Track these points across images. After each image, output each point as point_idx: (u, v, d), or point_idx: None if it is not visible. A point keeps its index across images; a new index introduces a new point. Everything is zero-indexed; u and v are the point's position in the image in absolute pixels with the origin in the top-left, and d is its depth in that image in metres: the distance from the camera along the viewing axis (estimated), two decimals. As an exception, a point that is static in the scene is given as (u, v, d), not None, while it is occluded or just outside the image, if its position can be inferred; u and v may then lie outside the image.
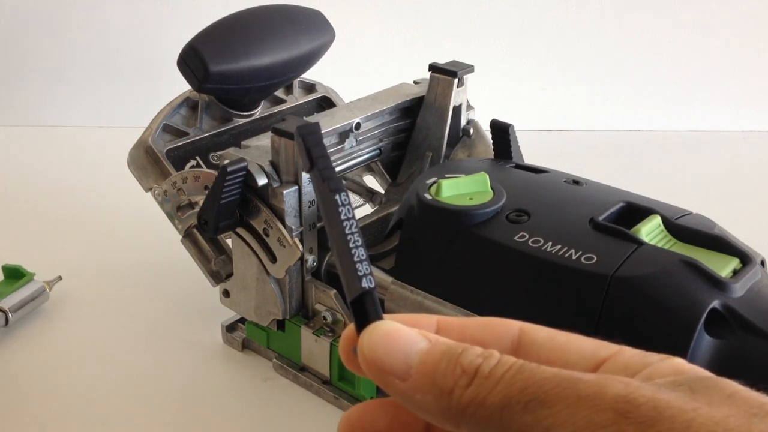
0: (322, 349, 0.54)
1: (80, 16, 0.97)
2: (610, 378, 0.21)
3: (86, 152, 0.94)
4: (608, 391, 0.21)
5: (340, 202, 0.25)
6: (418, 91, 0.62)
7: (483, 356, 0.23)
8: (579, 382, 0.21)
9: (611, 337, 0.25)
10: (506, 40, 1.01)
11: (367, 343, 0.24)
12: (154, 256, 0.71)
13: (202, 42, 0.58)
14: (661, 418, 0.20)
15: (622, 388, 0.21)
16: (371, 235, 0.58)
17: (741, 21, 1.00)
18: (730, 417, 0.20)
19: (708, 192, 0.87)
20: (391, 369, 0.24)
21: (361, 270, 0.25)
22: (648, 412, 0.20)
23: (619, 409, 0.20)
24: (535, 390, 0.21)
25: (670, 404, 0.20)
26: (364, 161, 0.60)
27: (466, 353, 0.23)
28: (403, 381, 0.23)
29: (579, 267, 0.44)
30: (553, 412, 0.21)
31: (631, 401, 0.20)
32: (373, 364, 0.24)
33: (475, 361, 0.23)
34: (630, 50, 1.01)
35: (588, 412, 0.20)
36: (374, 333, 0.24)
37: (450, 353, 0.23)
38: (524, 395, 0.21)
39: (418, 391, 0.23)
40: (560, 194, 0.51)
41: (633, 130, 1.04)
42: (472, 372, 0.22)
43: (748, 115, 1.04)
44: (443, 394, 0.23)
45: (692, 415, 0.20)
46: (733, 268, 0.44)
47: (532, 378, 0.22)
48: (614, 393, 0.20)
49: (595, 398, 0.20)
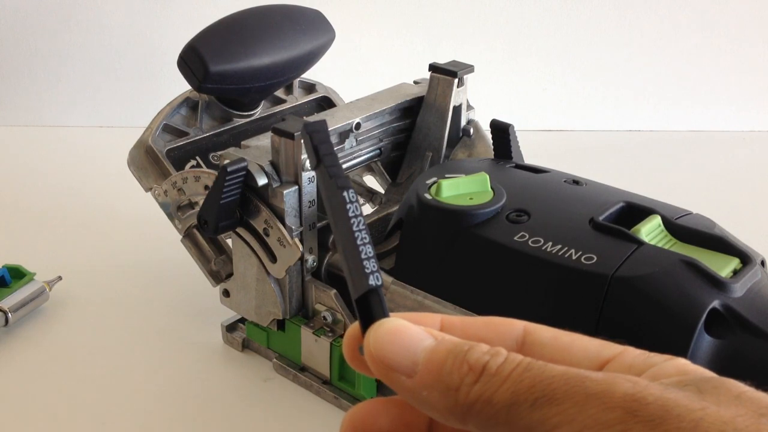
0: (322, 349, 0.54)
1: (80, 16, 0.97)
2: (618, 376, 0.21)
3: (86, 152, 0.94)
4: (616, 390, 0.21)
5: (348, 199, 0.25)
6: (418, 91, 0.62)
7: (490, 353, 0.23)
8: (587, 380, 0.21)
9: (611, 338, 0.25)
10: (506, 40, 1.01)
11: (373, 341, 0.24)
12: (154, 256, 0.71)
13: (202, 42, 0.58)
14: (669, 416, 0.20)
15: (630, 387, 0.21)
16: (371, 235, 0.58)
17: (741, 21, 1.00)
18: (739, 417, 0.20)
19: (708, 192, 0.87)
20: (397, 366, 0.24)
21: (369, 267, 0.25)
22: (656, 410, 0.20)
23: (627, 407, 0.20)
24: (543, 388, 0.21)
25: (678, 403, 0.20)
26: (364, 161, 0.60)
27: (473, 350, 0.23)
28: (409, 378, 0.23)
29: (579, 267, 0.44)
30: (561, 410, 0.21)
31: (639, 400, 0.20)
32: (379, 361, 0.24)
33: (482, 358, 0.23)
34: (630, 50, 1.01)
35: (596, 410, 0.20)
36: (381, 330, 0.24)
37: (457, 350, 0.23)
38: (532, 393, 0.21)
39: (425, 387, 0.23)
40: (560, 194, 0.51)
41: (633, 130, 1.04)
42: (479, 369, 0.22)
43: (748, 115, 1.04)
44: (450, 391, 0.23)
45: (700, 414, 0.20)
46: (733, 268, 0.44)
47: (540, 376, 0.22)
48: (622, 391, 0.20)
49: (604, 396, 0.20)
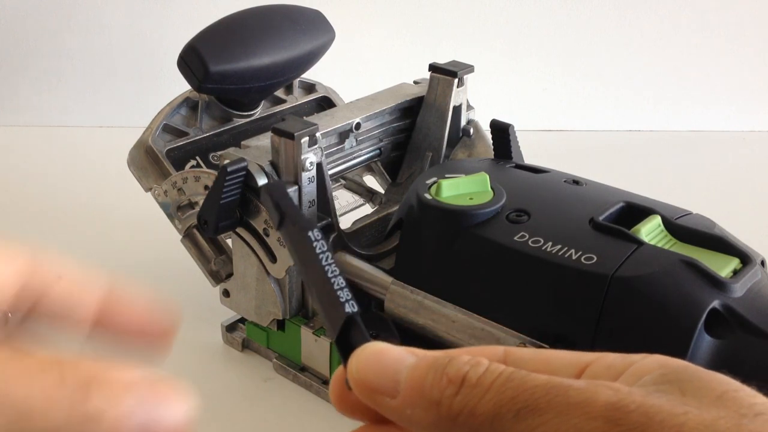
0: (322, 349, 0.54)
1: (80, 16, 0.97)
2: (600, 385, 0.21)
3: (86, 152, 0.94)
4: (599, 398, 0.21)
5: (314, 237, 0.26)
6: (418, 91, 0.62)
7: (470, 364, 0.23)
8: (569, 389, 0.21)
9: (611, 337, 0.25)
10: (506, 40, 1.01)
11: (355, 366, 0.24)
12: (154, 256, 0.71)
13: (202, 42, 0.58)
14: (652, 423, 0.20)
15: (612, 395, 0.21)
16: (371, 235, 0.58)
17: (741, 21, 1.00)
18: (720, 420, 0.20)
19: (708, 192, 0.87)
20: (380, 387, 0.23)
21: (343, 296, 0.25)
22: (638, 418, 0.20)
23: (609, 416, 0.20)
24: (526, 398, 0.21)
25: (660, 409, 0.20)
26: (364, 161, 0.60)
27: (453, 362, 0.23)
28: (393, 398, 0.23)
29: (579, 267, 0.44)
30: (544, 420, 0.21)
31: (621, 408, 0.20)
32: (362, 386, 0.24)
33: (461, 369, 0.23)
34: (630, 50, 1.01)
35: (578, 420, 0.20)
36: (362, 355, 0.24)
37: (436, 364, 0.23)
38: (515, 403, 0.21)
39: (409, 406, 0.23)
40: (560, 194, 0.51)
41: (633, 130, 1.04)
42: (458, 381, 0.22)
43: (748, 115, 1.04)
44: (432, 406, 0.23)
45: (682, 419, 0.20)
46: (733, 268, 0.44)
47: (522, 386, 0.22)
48: (605, 400, 0.21)
49: (586, 406, 0.21)
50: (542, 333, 0.45)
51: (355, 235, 0.57)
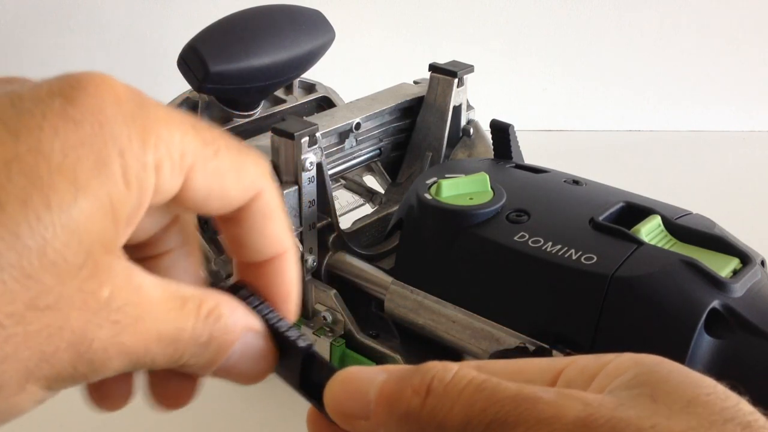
0: (322, 349, 0.54)
1: (80, 16, 0.97)
2: (570, 397, 0.21)
3: (86, 152, 0.93)
4: (568, 414, 0.20)
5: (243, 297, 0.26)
6: (418, 91, 0.62)
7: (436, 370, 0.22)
8: (539, 402, 0.21)
9: (611, 337, 0.25)
10: (506, 40, 1.01)
11: (329, 395, 0.24)
12: (154, 256, 0.71)
13: (202, 42, 0.58)
14: None
15: (582, 410, 0.20)
16: (371, 235, 0.58)
17: (740, 21, 1.00)
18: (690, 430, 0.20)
19: (708, 192, 0.87)
20: (353, 412, 0.23)
21: (293, 335, 0.26)
22: None
23: None
24: (496, 410, 0.21)
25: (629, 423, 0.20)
26: (364, 161, 0.60)
27: (417, 372, 0.22)
28: (367, 419, 0.23)
29: (579, 267, 0.44)
30: None
31: (590, 424, 0.20)
32: (338, 413, 0.24)
33: (425, 377, 0.22)
34: (630, 50, 1.01)
35: None
36: (333, 383, 0.24)
37: (403, 377, 0.23)
38: (485, 415, 0.21)
39: (381, 424, 0.23)
40: (560, 194, 0.51)
41: (633, 130, 1.04)
42: (423, 391, 0.22)
43: (748, 115, 1.04)
44: (401, 421, 0.22)
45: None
46: (733, 268, 0.44)
47: (493, 397, 0.21)
48: (574, 415, 0.20)
49: (555, 422, 0.20)
50: (542, 333, 0.45)
51: (355, 235, 0.57)
